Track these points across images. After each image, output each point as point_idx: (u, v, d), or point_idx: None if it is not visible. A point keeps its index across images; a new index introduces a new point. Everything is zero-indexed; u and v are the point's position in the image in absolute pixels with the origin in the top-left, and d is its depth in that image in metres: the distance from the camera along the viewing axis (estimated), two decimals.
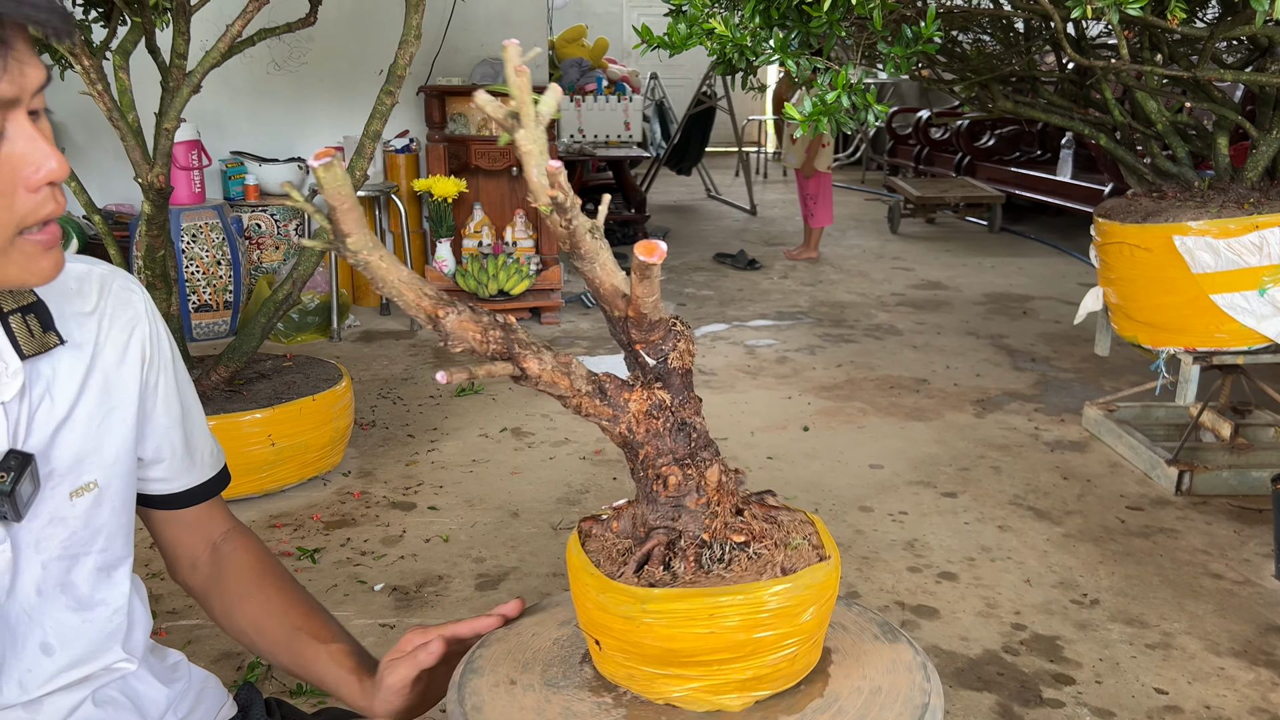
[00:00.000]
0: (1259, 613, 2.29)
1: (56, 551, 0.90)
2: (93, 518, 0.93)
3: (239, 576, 1.05)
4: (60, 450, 0.89)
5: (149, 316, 0.99)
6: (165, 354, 1.01)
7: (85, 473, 0.91)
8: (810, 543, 0.86)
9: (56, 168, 0.75)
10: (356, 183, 2.83)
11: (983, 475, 3.06)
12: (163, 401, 1.01)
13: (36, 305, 0.89)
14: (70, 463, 0.90)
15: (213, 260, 4.30)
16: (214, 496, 1.10)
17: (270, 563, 1.08)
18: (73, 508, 0.91)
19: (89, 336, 0.93)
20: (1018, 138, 8.24)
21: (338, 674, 0.95)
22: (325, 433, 2.86)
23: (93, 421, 0.92)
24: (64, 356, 0.91)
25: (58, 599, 0.91)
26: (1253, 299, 2.70)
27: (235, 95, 4.90)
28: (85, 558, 0.93)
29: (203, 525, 1.09)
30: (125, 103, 2.59)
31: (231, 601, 1.05)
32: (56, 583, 0.91)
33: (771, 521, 0.88)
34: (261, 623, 1.02)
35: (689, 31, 2.34)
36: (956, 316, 4.98)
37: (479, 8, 4.93)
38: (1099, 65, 2.51)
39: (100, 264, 0.97)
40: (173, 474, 1.04)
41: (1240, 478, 2.89)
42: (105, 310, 0.95)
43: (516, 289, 4.68)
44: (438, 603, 2.32)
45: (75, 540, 0.91)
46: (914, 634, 2.21)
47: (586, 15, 10.98)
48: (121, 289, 0.97)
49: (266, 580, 1.05)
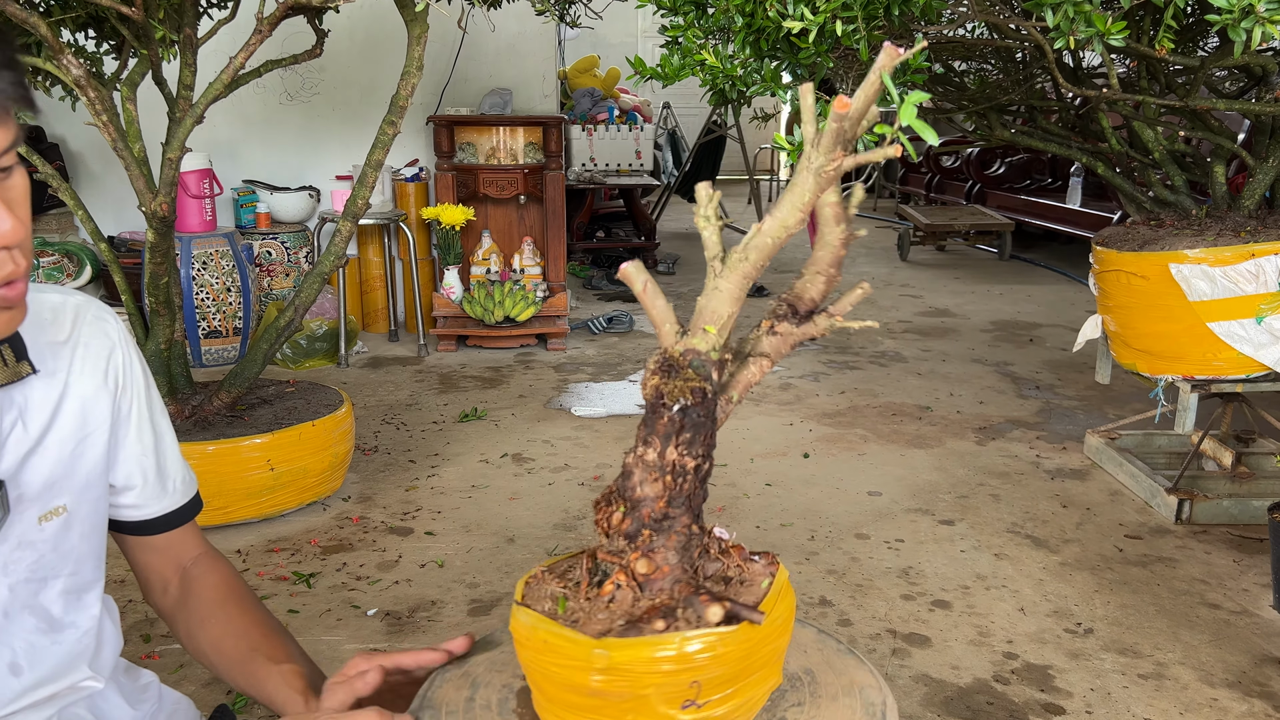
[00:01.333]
0: (1255, 643, 2.27)
1: (24, 574, 0.92)
2: (61, 542, 0.95)
3: (204, 598, 1.07)
4: (30, 475, 0.92)
5: (122, 345, 1.02)
6: (138, 381, 1.04)
7: (55, 497, 0.94)
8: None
9: (8, 232, 0.77)
10: (359, 211, 2.87)
11: (981, 503, 3.05)
12: (135, 428, 1.03)
13: (10, 336, 0.91)
14: (40, 488, 0.92)
15: (223, 287, 4.36)
16: (186, 523, 1.12)
17: (236, 585, 1.10)
18: (41, 531, 0.93)
19: (62, 365, 0.96)
20: (1028, 165, 8.25)
21: (286, 693, 0.96)
22: (325, 458, 2.89)
23: (65, 448, 0.95)
24: (36, 385, 0.93)
25: (26, 620, 0.93)
26: (1250, 327, 2.70)
27: (248, 125, 4.98)
28: (54, 581, 0.95)
29: (174, 550, 1.11)
30: (132, 133, 2.65)
31: (195, 623, 1.07)
32: (25, 605, 0.93)
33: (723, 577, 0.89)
34: (221, 643, 1.04)
35: (682, 63, 2.37)
36: (963, 344, 4.97)
37: (488, 39, 5.00)
38: (1092, 95, 2.52)
39: (75, 294, 1.00)
40: (145, 500, 1.06)
41: (1241, 507, 2.87)
42: (79, 339, 0.98)
43: (523, 315, 4.71)
44: (430, 628, 2.33)
45: (43, 564, 0.93)
46: (905, 662, 2.20)
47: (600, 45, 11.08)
48: (95, 318, 1.00)
49: (230, 602, 1.07)
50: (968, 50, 3.26)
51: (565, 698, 0.80)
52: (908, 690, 2.10)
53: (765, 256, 0.81)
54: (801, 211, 0.78)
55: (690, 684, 0.78)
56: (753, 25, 2.17)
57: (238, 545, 2.73)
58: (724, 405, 0.88)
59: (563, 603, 0.84)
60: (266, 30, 2.46)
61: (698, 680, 0.78)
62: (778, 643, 0.84)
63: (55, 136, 4.71)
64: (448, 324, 4.78)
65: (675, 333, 0.84)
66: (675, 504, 0.83)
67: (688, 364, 0.83)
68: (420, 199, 5.06)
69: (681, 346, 0.83)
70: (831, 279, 0.85)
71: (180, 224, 4.22)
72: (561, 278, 4.98)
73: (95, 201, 4.53)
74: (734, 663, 0.79)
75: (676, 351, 0.83)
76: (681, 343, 0.83)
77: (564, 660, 0.78)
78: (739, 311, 0.84)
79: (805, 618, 2.36)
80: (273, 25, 2.47)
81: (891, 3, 1.99)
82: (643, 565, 0.83)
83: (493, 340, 4.82)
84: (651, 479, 0.83)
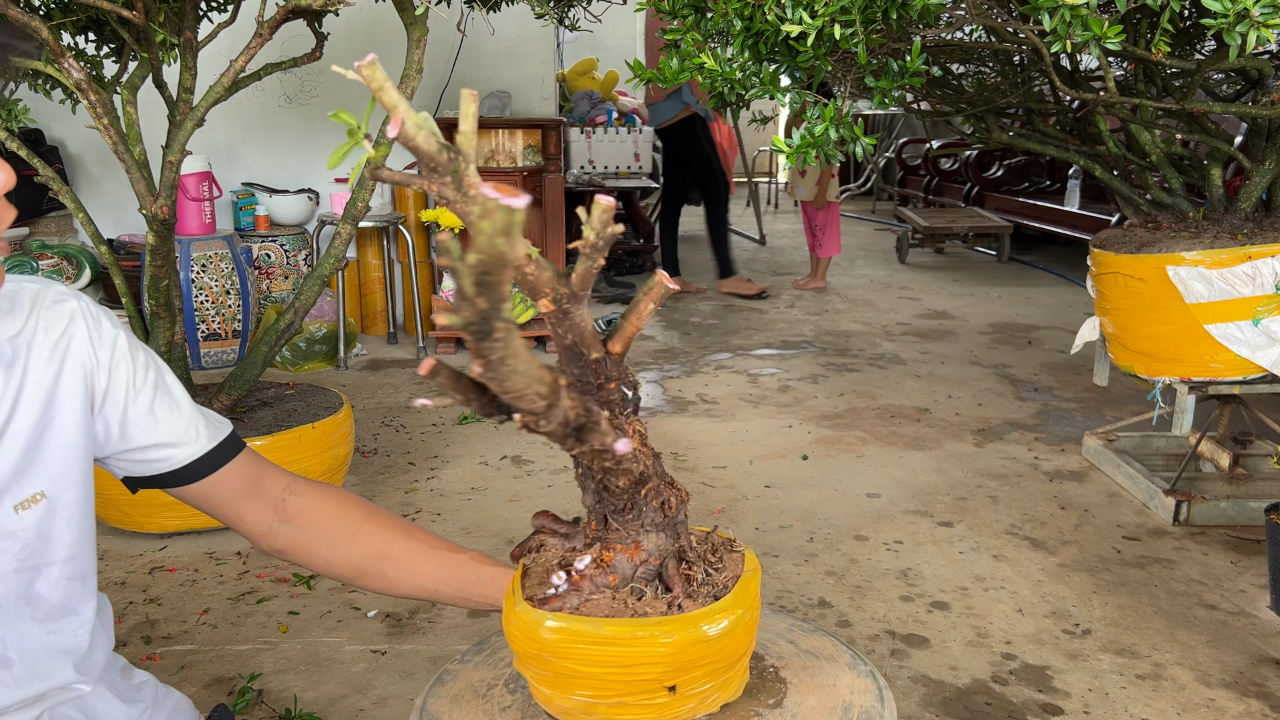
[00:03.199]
0: (1252, 644, 2.28)
1: (12, 565, 0.92)
2: (46, 529, 0.94)
3: (339, 516, 1.09)
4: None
5: (88, 320, 1.00)
6: (122, 348, 1.02)
7: (28, 485, 0.93)
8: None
9: (5, 178, 0.79)
10: (358, 214, 2.88)
11: (980, 505, 3.06)
12: (125, 390, 1.01)
13: None
14: (9, 477, 0.91)
15: (222, 290, 4.37)
16: (234, 457, 1.10)
17: (357, 498, 1.12)
18: (19, 520, 0.92)
19: (19, 353, 0.94)
20: (1027, 168, 8.26)
21: (492, 571, 1.04)
22: (325, 460, 2.89)
23: (32, 435, 0.93)
24: None
25: (21, 611, 0.93)
26: (1247, 329, 2.71)
27: (247, 128, 4.99)
28: (49, 568, 0.94)
29: (250, 488, 1.09)
30: (132, 136, 2.66)
31: (345, 542, 1.07)
32: (19, 595, 0.93)
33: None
34: (388, 549, 1.06)
35: (681, 66, 2.38)
36: (961, 346, 4.98)
37: (487, 42, 5.01)
38: (1089, 98, 2.53)
39: (32, 280, 0.99)
40: (175, 440, 1.04)
41: (1238, 508, 2.88)
42: (37, 325, 0.96)
43: (522, 318, 4.72)
44: (430, 629, 2.33)
45: (30, 552, 0.93)
46: (903, 663, 2.21)
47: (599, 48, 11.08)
48: (53, 302, 0.98)
49: (371, 512, 1.10)
50: (965, 53, 3.27)
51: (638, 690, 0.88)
52: (906, 691, 2.10)
53: None
54: None
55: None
56: (751, 29, 2.18)
57: (238, 547, 2.73)
58: None
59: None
60: (266, 33, 2.47)
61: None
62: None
63: (55, 139, 4.71)
64: (447, 327, 4.78)
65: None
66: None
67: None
68: (419, 202, 5.07)
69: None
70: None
71: (180, 227, 4.23)
72: None
73: (95, 204, 4.54)
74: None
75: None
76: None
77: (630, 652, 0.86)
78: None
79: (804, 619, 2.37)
80: (273, 28, 2.48)
81: (889, 6, 2.00)
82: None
83: None
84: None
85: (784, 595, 2.50)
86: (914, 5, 1.99)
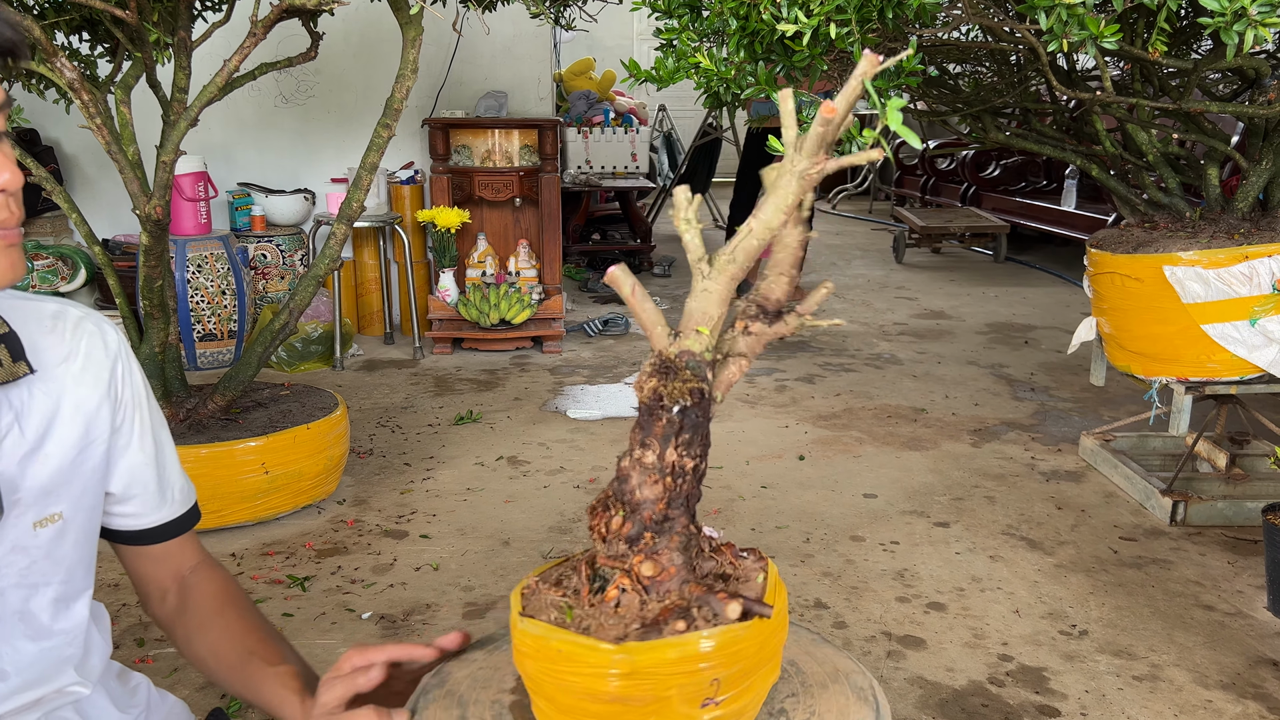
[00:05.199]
0: (1249, 645, 2.28)
1: (14, 579, 0.92)
2: (55, 549, 0.94)
3: (201, 606, 1.07)
4: (30, 480, 0.91)
5: (123, 357, 1.02)
6: (140, 393, 1.04)
7: (52, 504, 0.93)
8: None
9: (10, 178, 0.81)
10: (353, 214, 2.87)
11: (976, 505, 3.05)
12: (137, 439, 1.04)
13: (7, 336, 0.91)
14: (38, 494, 0.92)
15: (217, 290, 4.35)
16: (184, 533, 1.12)
17: (233, 593, 1.10)
18: (35, 537, 0.92)
19: (61, 372, 0.96)
20: (1023, 168, 8.26)
21: (282, 694, 0.96)
22: (320, 461, 2.89)
23: (66, 456, 0.95)
24: (35, 389, 0.93)
25: (15, 626, 0.93)
26: (1244, 329, 2.70)
27: (243, 128, 4.98)
28: (45, 588, 0.94)
29: (172, 559, 1.11)
30: (126, 136, 2.64)
31: (193, 630, 1.07)
32: (14, 611, 0.92)
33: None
34: (218, 648, 1.04)
35: (676, 66, 2.37)
36: (958, 346, 4.98)
37: (483, 42, 4.99)
38: (1086, 97, 2.53)
39: (75, 306, 1.01)
40: (144, 510, 1.06)
41: (1235, 508, 2.87)
42: (79, 350, 0.98)
43: (518, 318, 4.71)
44: (425, 631, 2.33)
45: (35, 570, 0.93)
46: (900, 664, 2.20)
47: (596, 48, 11.08)
48: (95, 331, 1.00)
49: (227, 609, 1.07)
50: (962, 53, 3.27)
51: (581, 706, 0.80)
52: (903, 692, 2.10)
53: (751, 258, 0.82)
54: (784, 213, 0.79)
55: (711, 682, 0.79)
56: (747, 28, 2.17)
57: (232, 549, 2.72)
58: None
59: (569, 612, 0.83)
60: (261, 33, 2.46)
61: (718, 678, 0.79)
62: (781, 635, 0.85)
63: (49, 140, 4.70)
64: (443, 327, 4.78)
65: (668, 335, 0.84)
66: (675, 505, 0.84)
67: (684, 365, 0.84)
68: (415, 202, 5.05)
69: (676, 348, 0.84)
70: (793, 279, 0.87)
71: (175, 227, 4.22)
72: (557, 280, 4.98)
73: (89, 205, 4.53)
74: (749, 657, 0.80)
75: (671, 353, 0.84)
76: (675, 344, 0.84)
77: (582, 669, 0.78)
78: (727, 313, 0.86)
79: (801, 620, 2.36)
80: (267, 28, 2.46)
81: (885, 6, 1.99)
82: (648, 568, 0.83)
83: (488, 343, 4.82)
84: (651, 481, 0.83)
85: None
86: (910, 4, 1.98)
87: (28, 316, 0.95)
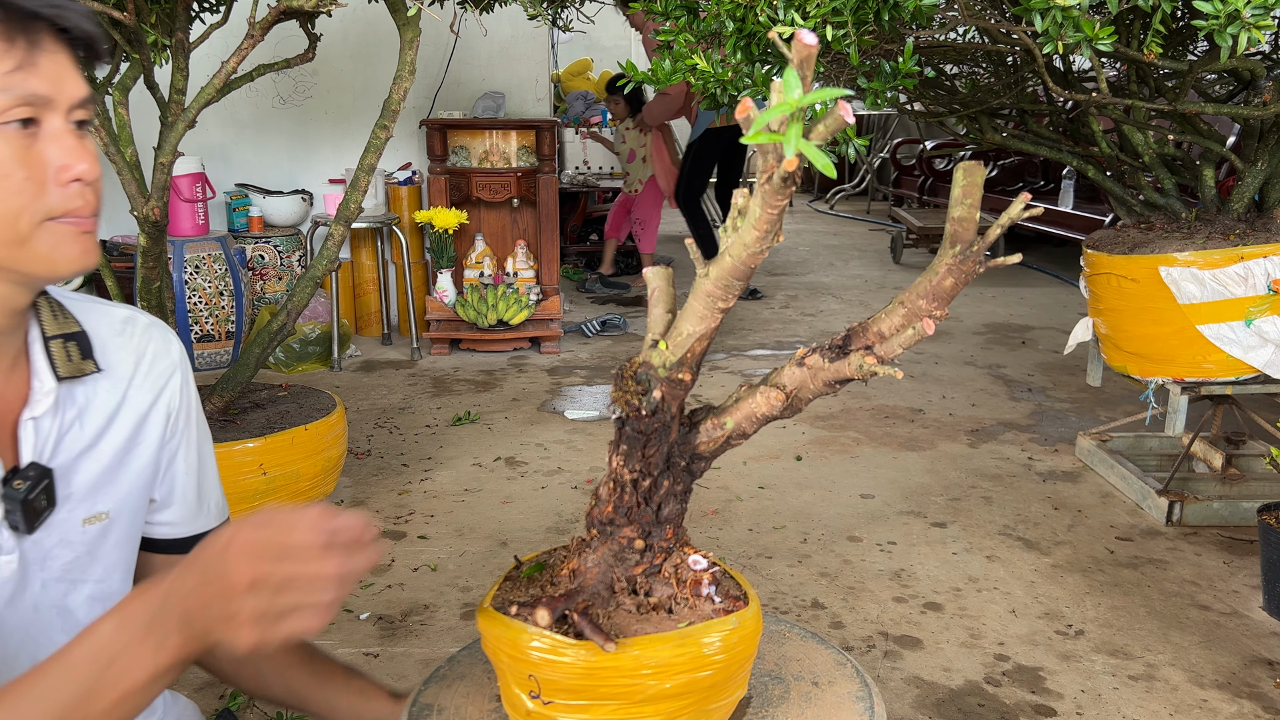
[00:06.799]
0: (1245, 645, 2.29)
1: (57, 573, 0.94)
2: (97, 547, 0.97)
3: None
4: (81, 476, 0.94)
5: (183, 370, 1.06)
6: (192, 406, 1.07)
7: (100, 502, 0.96)
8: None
9: (88, 168, 0.84)
10: (351, 215, 2.87)
11: (973, 505, 3.06)
12: (183, 449, 1.06)
13: (79, 335, 0.95)
14: (87, 489, 0.95)
15: (215, 291, 4.36)
16: None
17: None
18: (83, 534, 0.95)
19: (126, 373, 0.99)
20: (1020, 168, 8.27)
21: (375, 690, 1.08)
22: (318, 462, 2.89)
23: (117, 455, 0.97)
24: (99, 387, 0.96)
25: (54, 620, 0.95)
26: (1239, 330, 2.71)
27: (240, 129, 4.98)
28: (83, 585, 0.97)
29: None
30: (124, 137, 2.65)
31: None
32: (54, 605, 0.95)
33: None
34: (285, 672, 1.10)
35: (673, 67, 2.38)
36: (955, 346, 4.99)
37: (480, 43, 5.00)
38: (1082, 99, 2.54)
39: (144, 314, 1.05)
40: (182, 519, 1.08)
41: (1231, 508, 2.88)
42: (145, 354, 1.01)
43: (516, 319, 4.72)
44: (422, 632, 2.33)
45: (77, 565, 0.96)
46: (896, 664, 2.21)
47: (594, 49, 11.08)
48: (162, 339, 1.04)
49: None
50: (959, 54, 3.27)
51: (497, 660, 0.88)
52: (899, 693, 2.10)
53: (727, 274, 0.78)
54: (756, 228, 0.75)
55: (528, 675, 0.82)
56: (743, 30, 2.18)
57: None
58: (712, 428, 0.87)
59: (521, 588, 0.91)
60: (259, 34, 2.46)
61: (534, 675, 0.81)
62: (657, 682, 0.81)
63: None
64: (441, 327, 4.78)
65: (649, 344, 0.84)
66: (620, 513, 0.84)
67: (631, 376, 0.83)
68: (413, 202, 5.06)
69: (641, 358, 0.84)
70: (917, 311, 0.79)
71: (173, 228, 4.22)
72: (555, 281, 4.98)
73: None
74: (575, 676, 0.80)
75: (636, 363, 0.84)
76: (644, 354, 0.84)
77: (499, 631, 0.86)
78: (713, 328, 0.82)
79: (797, 620, 2.36)
80: (265, 29, 2.47)
81: (881, 8, 2.00)
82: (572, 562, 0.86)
83: (486, 343, 4.82)
84: (606, 482, 0.86)
85: (777, 597, 2.50)
86: (906, 6, 1.99)
87: (99, 319, 0.99)
